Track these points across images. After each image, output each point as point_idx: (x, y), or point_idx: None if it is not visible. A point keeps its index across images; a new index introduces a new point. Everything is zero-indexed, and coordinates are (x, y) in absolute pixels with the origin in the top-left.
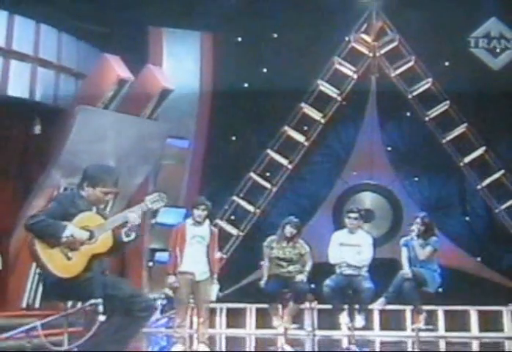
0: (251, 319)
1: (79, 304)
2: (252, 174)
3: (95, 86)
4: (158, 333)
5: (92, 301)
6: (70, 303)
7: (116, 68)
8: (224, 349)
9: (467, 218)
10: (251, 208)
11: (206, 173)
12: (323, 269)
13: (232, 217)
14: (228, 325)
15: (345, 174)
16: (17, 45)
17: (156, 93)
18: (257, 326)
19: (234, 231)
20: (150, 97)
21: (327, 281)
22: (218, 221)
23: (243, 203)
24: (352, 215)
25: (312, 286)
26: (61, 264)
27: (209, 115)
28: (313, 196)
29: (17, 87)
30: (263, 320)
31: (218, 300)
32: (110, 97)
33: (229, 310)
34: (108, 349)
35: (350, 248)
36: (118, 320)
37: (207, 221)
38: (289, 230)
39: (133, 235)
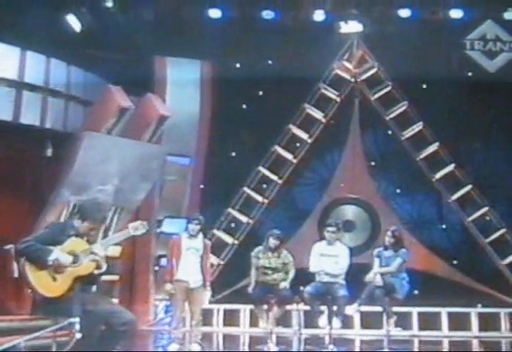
0: (245, 318)
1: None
2: (246, 189)
3: (100, 114)
4: (162, 331)
5: (70, 319)
6: None
7: (118, 98)
8: (221, 345)
9: (444, 226)
10: (244, 219)
11: (206, 187)
12: (309, 274)
13: (232, 225)
14: (224, 324)
15: (330, 188)
16: (28, 78)
17: (154, 120)
18: (251, 325)
19: (229, 240)
20: (148, 123)
21: (307, 288)
22: (215, 231)
23: (237, 215)
24: (330, 229)
25: (301, 288)
26: (47, 284)
27: (209, 135)
28: (301, 208)
29: (29, 116)
30: (256, 319)
31: (216, 301)
32: (113, 124)
33: (225, 311)
34: None
35: (329, 258)
36: (99, 333)
37: (201, 234)
38: (272, 242)
39: (103, 267)
